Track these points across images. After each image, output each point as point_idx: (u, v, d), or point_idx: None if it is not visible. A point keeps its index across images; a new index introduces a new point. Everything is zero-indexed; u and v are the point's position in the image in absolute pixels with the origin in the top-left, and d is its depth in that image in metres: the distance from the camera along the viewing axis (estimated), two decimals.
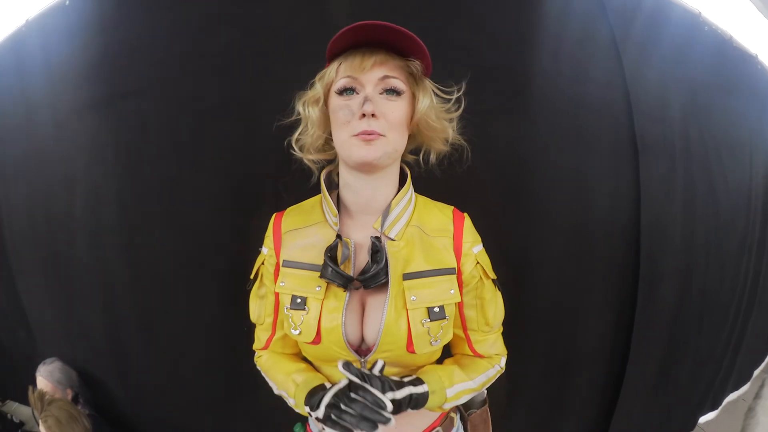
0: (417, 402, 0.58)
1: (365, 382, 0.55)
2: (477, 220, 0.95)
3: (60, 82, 1.39)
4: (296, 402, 0.62)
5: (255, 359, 0.74)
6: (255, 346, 0.74)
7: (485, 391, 0.80)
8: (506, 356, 0.72)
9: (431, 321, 0.61)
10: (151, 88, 1.15)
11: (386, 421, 0.53)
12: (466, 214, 0.69)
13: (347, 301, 0.60)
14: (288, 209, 0.71)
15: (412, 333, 0.60)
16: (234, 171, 1.07)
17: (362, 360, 0.61)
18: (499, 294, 0.69)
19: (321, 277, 0.59)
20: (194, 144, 1.07)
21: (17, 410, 2.22)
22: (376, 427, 0.53)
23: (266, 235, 0.69)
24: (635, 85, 1.12)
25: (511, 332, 1.00)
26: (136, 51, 1.19)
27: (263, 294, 0.70)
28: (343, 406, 0.54)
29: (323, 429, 0.66)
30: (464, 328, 0.68)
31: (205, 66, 1.07)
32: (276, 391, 0.69)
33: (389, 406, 0.53)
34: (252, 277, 0.71)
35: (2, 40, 1.79)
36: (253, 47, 1.04)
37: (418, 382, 0.59)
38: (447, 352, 0.72)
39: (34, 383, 1.52)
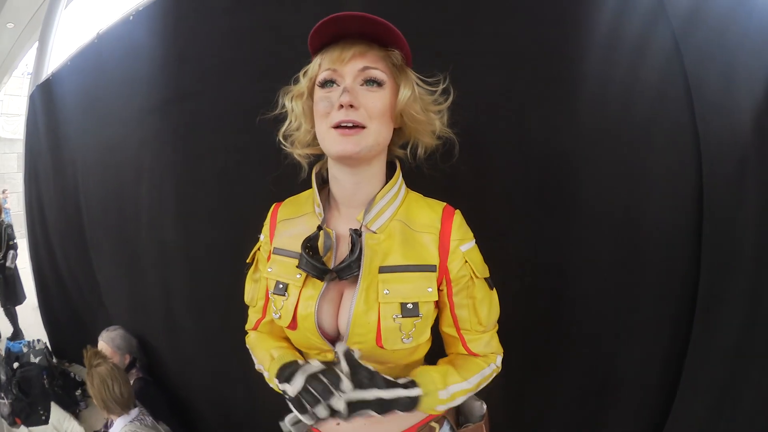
0: (407, 405, 0.57)
1: (354, 370, 0.54)
2: (511, 222, 0.95)
3: (128, 86, 1.64)
4: (269, 375, 0.63)
5: (246, 338, 0.79)
6: (246, 326, 0.80)
7: (484, 407, 0.77)
8: (502, 355, 0.71)
9: (403, 317, 0.60)
10: (204, 92, 1.34)
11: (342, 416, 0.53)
12: (457, 211, 0.68)
13: (323, 291, 0.62)
14: (286, 200, 0.74)
15: (382, 327, 0.59)
16: (275, 165, 1.21)
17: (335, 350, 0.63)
18: (493, 293, 0.68)
19: (297, 266, 0.61)
20: (241, 141, 1.23)
21: (81, 371, 2.58)
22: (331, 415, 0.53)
23: (264, 223, 0.74)
24: (696, 67, 0.96)
25: (544, 350, 0.98)
26: (190, 59, 1.39)
27: (257, 278, 0.74)
28: (309, 388, 0.53)
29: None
30: (457, 328, 0.67)
31: (249, 71, 1.22)
32: (257, 367, 0.73)
33: (343, 410, 0.52)
34: (248, 261, 0.76)
35: (79, 49, 2.08)
36: (291, 53, 1.17)
37: (411, 385, 0.58)
38: (441, 351, 0.72)
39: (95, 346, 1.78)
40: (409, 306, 0.60)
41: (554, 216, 0.96)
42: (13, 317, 3.53)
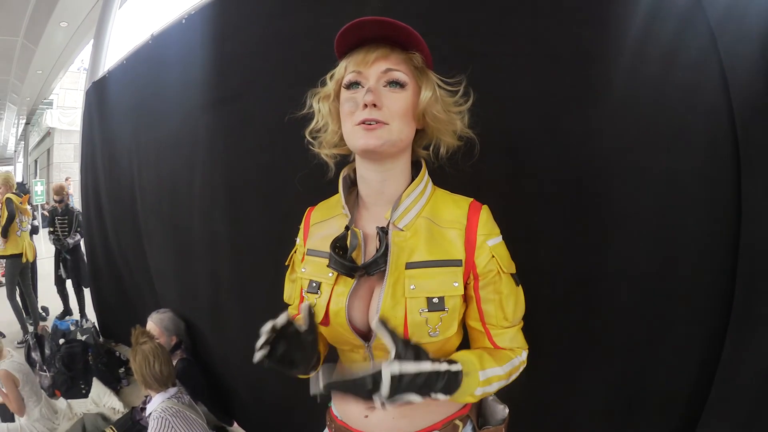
0: (450, 384, 0.55)
1: (395, 344, 0.52)
2: (543, 227, 0.94)
3: (182, 86, 1.79)
4: None
5: None
6: None
7: (506, 411, 0.77)
8: (527, 350, 0.72)
9: (429, 311, 0.63)
10: (251, 92, 1.45)
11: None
12: (484, 206, 0.70)
13: (354, 288, 0.65)
14: (319, 204, 0.79)
15: (409, 321, 0.62)
16: (316, 162, 1.29)
17: (367, 345, 0.66)
18: (519, 289, 0.70)
19: (327, 266, 0.65)
20: (285, 138, 1.31)
21: (126, 351, 2.82)
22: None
23: (300, 227, 0.79)
24: (735, 67, 0.93)
25: (572, 360, 0.96)
26: (239, 61, 1.50)
27: (294, 279, 0.80)
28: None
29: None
30: (483, 323, 0.69)
31: (292, 73, 1.30)
32: None
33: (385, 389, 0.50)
34: (286, 263, 0.82)
35: (134, 50, 2.24)
36: (331, 56, 1.24)
37: (452, 361, 0.58)
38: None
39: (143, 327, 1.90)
40: (435, 300, 0.63)
41: (587, 222, 0.94)
42: (65, 297, 3.87)
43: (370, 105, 0.60)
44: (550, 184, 0.94)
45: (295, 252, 0.80)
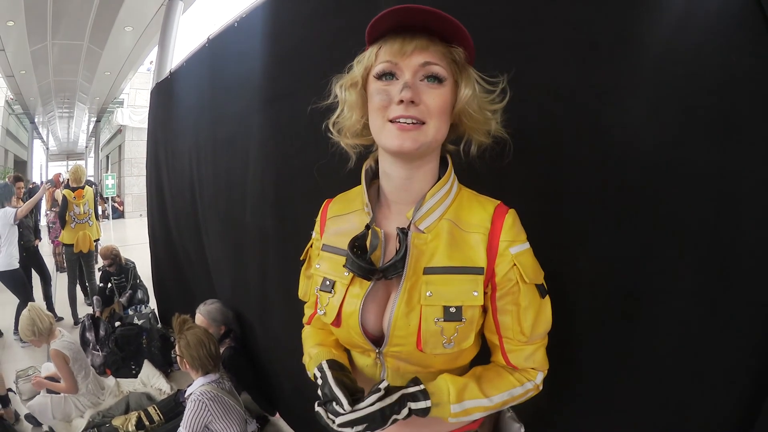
0: (417, 414, 0.61)
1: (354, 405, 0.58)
2: (581, 233, 0.90)
3: (236, 85, 2.02)
4: (310, 373, 0.69)
5: (302, 331, 0.85)
6: (303, 321, 0.86)
7: (522, 429, 0.76)
8: (546, 372, 0.69)
9: (445, 321, 0.61)
10: (298, 92, 1.59)
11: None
12: (511, 210, 0.67)
13: (371, 290, 0.64)
14: (337, 196, 0.78)
15: (422, 330, 0.61)
16: (360, 158, 1.37)
17: (378, 350, 0.66)
18: (544, 302, 0.67)
19: (344, 266, 0.65)
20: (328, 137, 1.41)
21: None
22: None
23: (316, 220, 0.79)
24: None
25: (606, 383, 0.92)
26: (289, 60, 1.67)
27: (310, 275, 0.79)
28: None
29: None
30: (498, 335, 0.67)
31: (335, 72, 1.38)
32: (304, 359, 0.79)
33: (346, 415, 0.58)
34: (302, 258, 0.81)
35: (193, 52, 2.49)
36: None
37: (421, 396, 0.61)
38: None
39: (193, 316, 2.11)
40: (452, 310, 0.61)
41: (631, 227, 0.87)
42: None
43: (407, 102, 0.58)
44: (589, 183, 0.89)
45: (311, 246, 0.80)
